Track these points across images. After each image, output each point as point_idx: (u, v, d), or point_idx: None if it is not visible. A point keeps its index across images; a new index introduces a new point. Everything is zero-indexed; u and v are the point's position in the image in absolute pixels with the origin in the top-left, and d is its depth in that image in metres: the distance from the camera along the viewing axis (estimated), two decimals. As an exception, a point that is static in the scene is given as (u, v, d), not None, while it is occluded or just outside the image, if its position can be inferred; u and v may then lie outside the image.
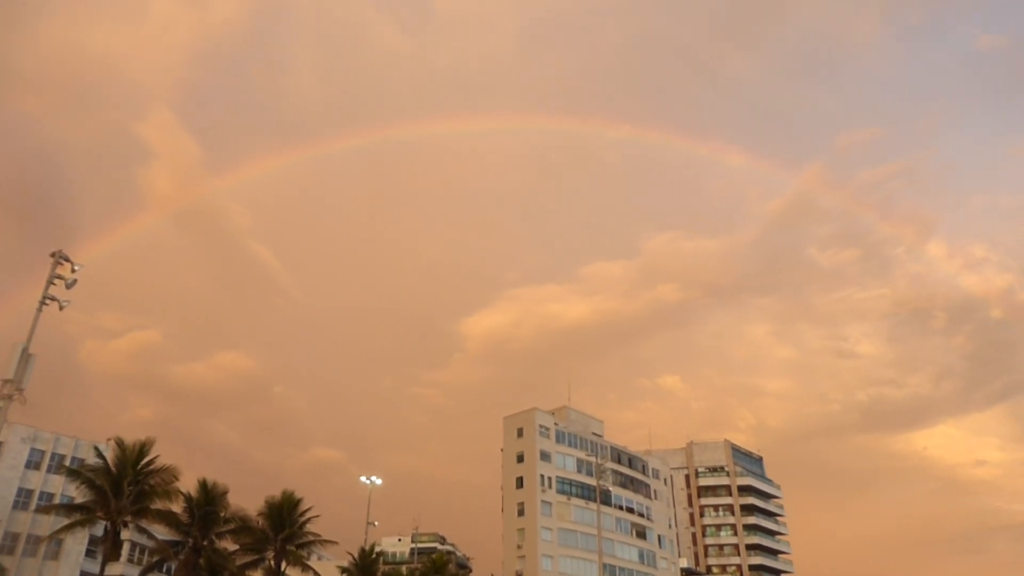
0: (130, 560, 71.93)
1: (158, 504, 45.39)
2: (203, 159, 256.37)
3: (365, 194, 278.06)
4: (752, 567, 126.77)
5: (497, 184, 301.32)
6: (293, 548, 52.64)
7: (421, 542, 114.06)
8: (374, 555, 67.63)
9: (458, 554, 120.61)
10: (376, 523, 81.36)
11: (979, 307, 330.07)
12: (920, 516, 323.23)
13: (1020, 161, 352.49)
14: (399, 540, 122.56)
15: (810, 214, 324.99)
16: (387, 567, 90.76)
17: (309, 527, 54.38)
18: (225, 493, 49.31)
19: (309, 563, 55.14)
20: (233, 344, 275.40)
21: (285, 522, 52.49)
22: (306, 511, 54.25)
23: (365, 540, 73.37)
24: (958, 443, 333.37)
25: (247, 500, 58.23)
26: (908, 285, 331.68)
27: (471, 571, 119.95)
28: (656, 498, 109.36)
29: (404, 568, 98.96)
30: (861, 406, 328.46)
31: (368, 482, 79.47)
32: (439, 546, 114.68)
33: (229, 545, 51.03)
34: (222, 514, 49.11)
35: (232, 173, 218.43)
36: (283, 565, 52.35)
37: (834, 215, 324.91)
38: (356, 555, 66.81)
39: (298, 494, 54.34)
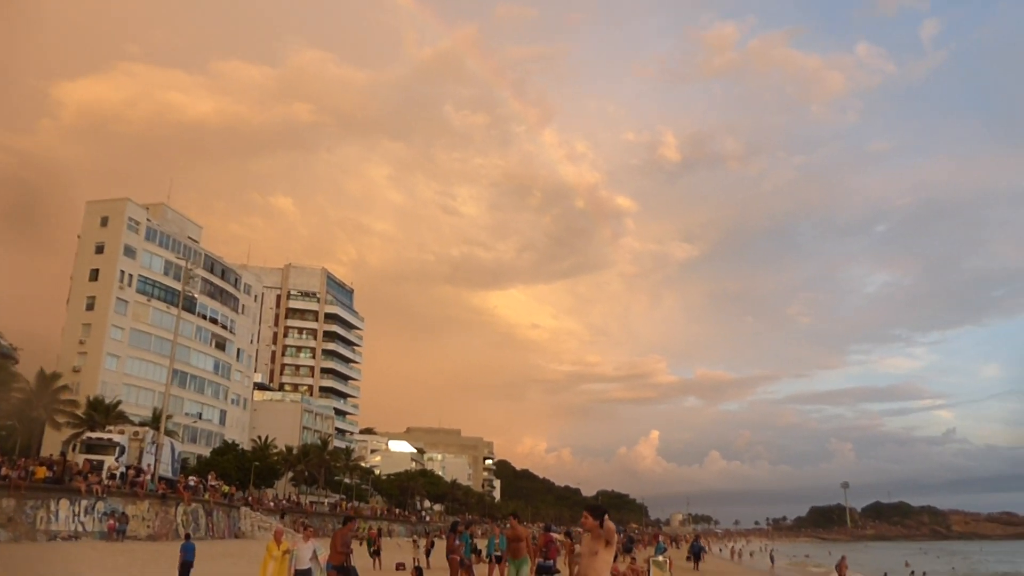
0: None
1: None
2: None
3: None
4: (322, 389, 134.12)
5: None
6: None
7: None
8: None
9: (3, 343, 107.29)
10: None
11: (568, 195, 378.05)
12: (479, 364, 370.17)
13: (636, 80, 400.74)
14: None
15: (455, 73, 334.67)
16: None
17: None
18: None
19: None
20: None
21: None
22: None
23: None
24: (522, 307, 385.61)
25: None
26: (519, 162, 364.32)
27: (17, 362, 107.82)
28: (243, 313, 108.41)
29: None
30: (453, 260, 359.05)
31: None
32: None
33: None
34: None
35: None
36: None
37: (475, 80, 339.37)
38: None
39: None
